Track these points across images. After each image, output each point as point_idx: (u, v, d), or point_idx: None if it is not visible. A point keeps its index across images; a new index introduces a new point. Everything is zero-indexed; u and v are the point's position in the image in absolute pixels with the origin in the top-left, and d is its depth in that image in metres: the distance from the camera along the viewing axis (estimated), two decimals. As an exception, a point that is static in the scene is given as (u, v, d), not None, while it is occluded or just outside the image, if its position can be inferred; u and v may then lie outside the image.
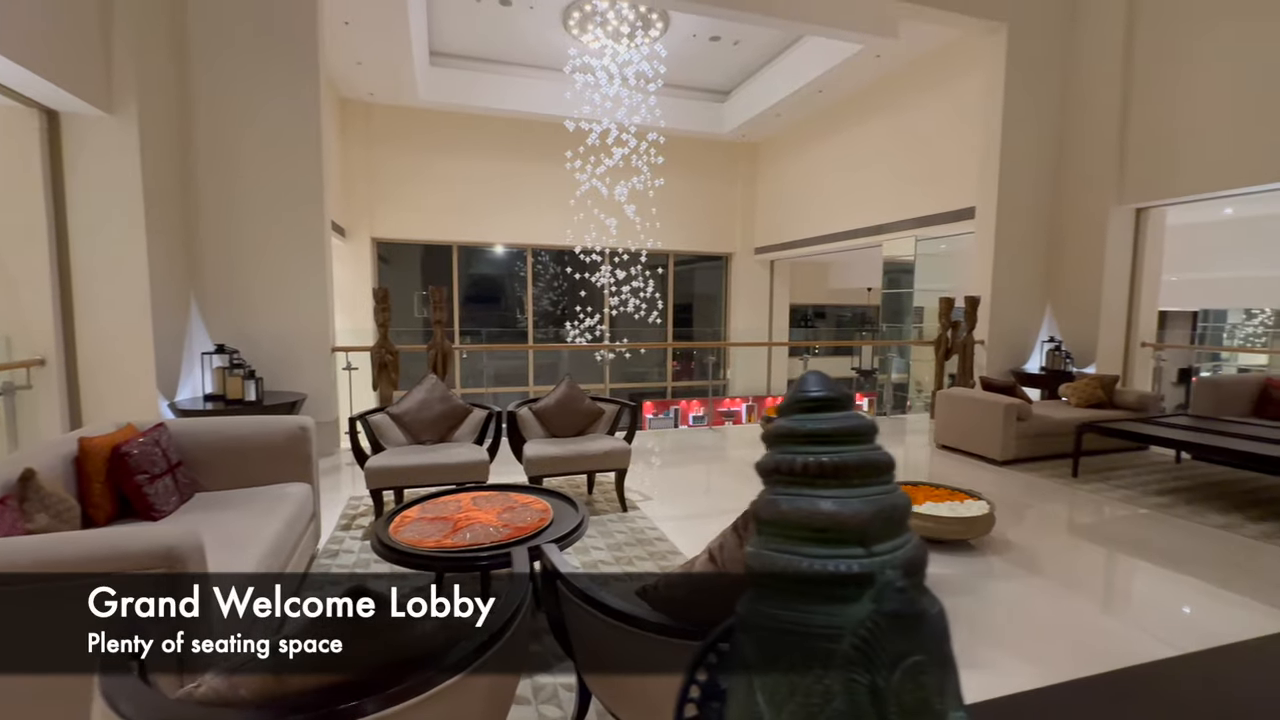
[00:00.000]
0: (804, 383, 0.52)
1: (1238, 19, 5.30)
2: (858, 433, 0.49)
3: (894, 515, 0.47)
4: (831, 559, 0.43)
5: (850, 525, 0.44)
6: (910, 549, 0.48)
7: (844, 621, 0.42)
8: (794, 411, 0.51)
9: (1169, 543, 3.37)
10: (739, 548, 1.40)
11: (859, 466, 0.47)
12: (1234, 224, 9.59)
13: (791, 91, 9.38)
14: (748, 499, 2.57)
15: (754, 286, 13.13)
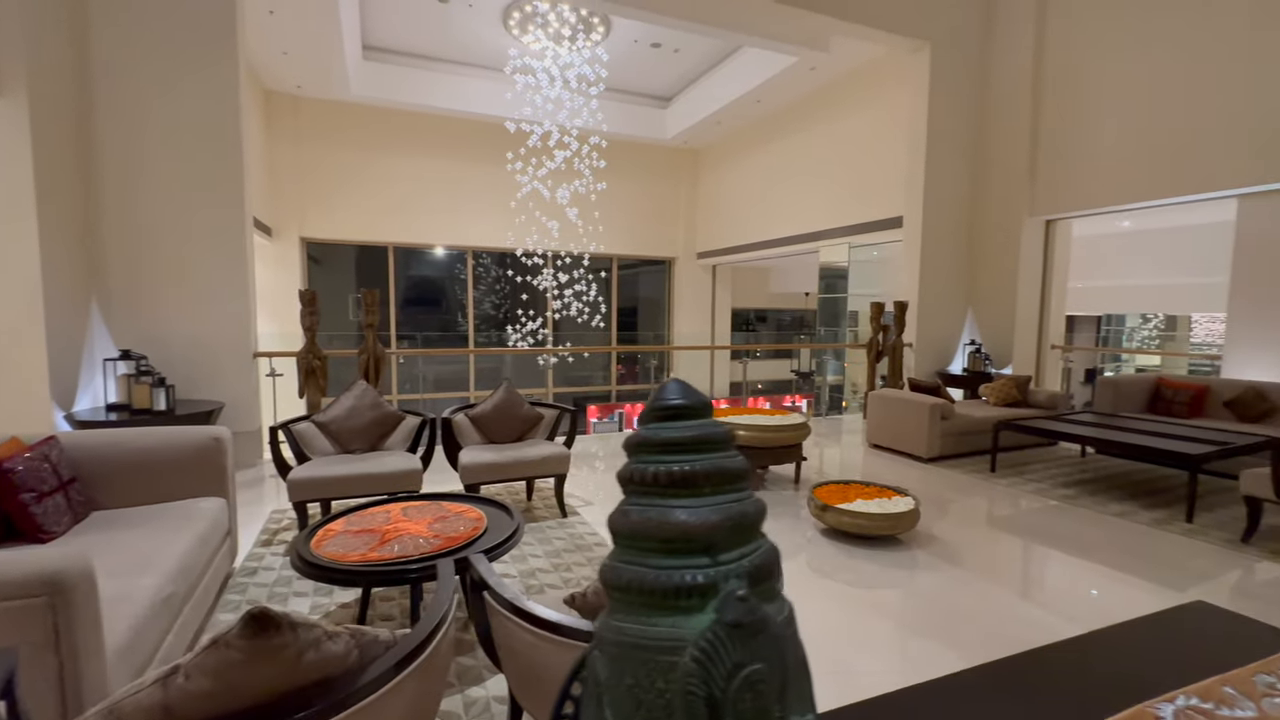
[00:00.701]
0: (663, 391, 0.52)
1: (1131, 50, 5.78)
2: (712, 441, 0.49)
3: (744, 522, 0.47)
4: (678, 570, 0.43)
5: (698, 535, 0.44)
6: (759, 555, 0.48)
7: (686, 633, 0.42)
8: (651, 420, 0.51)
9: (1075, 531, 3.62)
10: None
11: (709, 475, 0.47)
12: (1130, 236, 10.45)
13: (731, 100, 9.58)
14: None
15: (697, 290, 13.31)
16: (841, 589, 2.91)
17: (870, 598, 2.85)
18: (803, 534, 3.52)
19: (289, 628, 0.95)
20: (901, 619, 2.70)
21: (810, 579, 3.01)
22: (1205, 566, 3.13)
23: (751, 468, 4.27)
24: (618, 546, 0.48)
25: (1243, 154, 5.07)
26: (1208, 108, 5.27)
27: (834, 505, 3.36)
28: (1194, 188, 5.41)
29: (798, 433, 4.27)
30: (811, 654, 1.93)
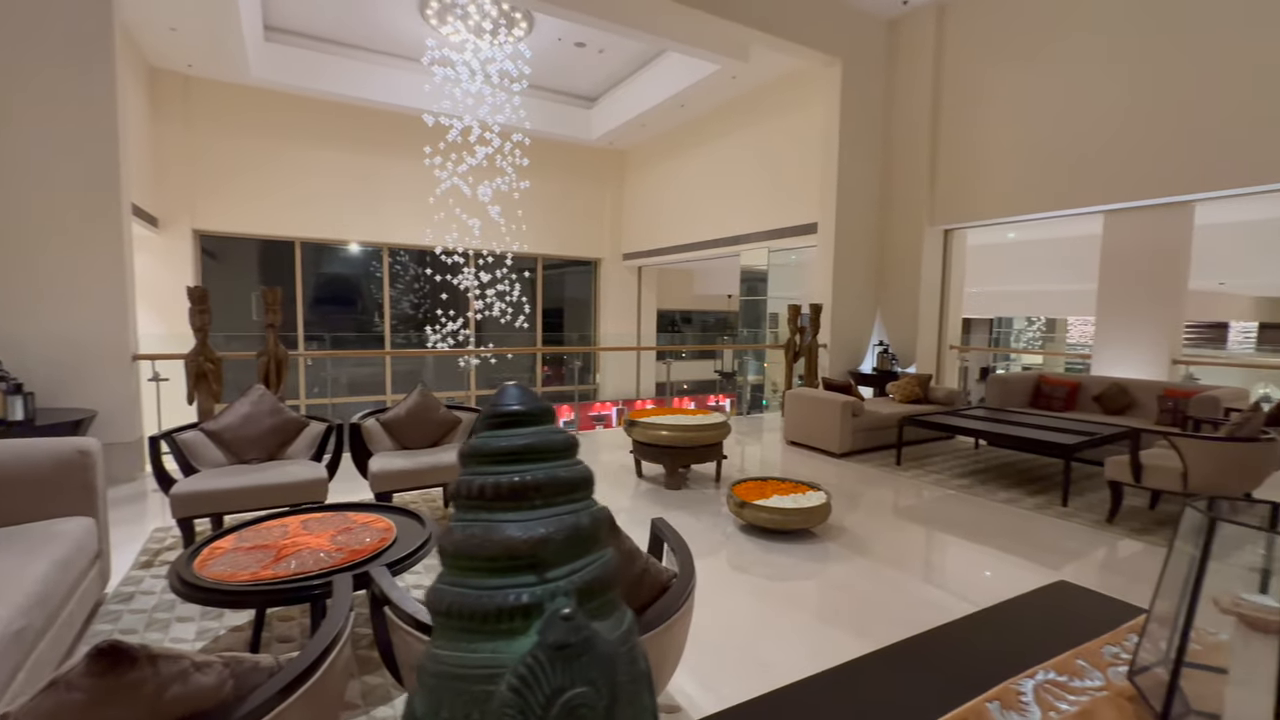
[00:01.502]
0: (501, 396, 0.49)
1: (1017, 79, 6.32)
2: (549, 449, 0.46)
3: (578, 535, 0.44)
4: (501, 590, 0.40)
5: (523, 551, 0.41)
6: (595, 569, 0.45)
7: (507, 658, 0.39)
8: (485, 428, 0.47)
9: (969, 518, 3.90)
10: (578, 556, 1.38)
11: (540, 486, 0.44)
12: (1017, 246, 11.43)
13: (655, 104, 9.68)
14: (618, 504, 2.61)
15: (623, 291, 13.36)
16: (757, 583, 2.99)
17: (784, 590, 2.94)
18: (722, 531, 3.59)
19: (147, 661, 0.85)
20: (814, 609, 2.81)
21: (728, 575, 3.07)
22: (1077, 546, 3.45)
23: (673, 466, 4.32)
24: (444, 567, 0.44)
25: (1109, 175, 5.66)
26: (1082, 133, 5.84)
27: (751, 502, 3.45)
28: (1069, 204, 5.98)
29: (718, 432, 4.36)
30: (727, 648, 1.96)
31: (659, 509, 3.95)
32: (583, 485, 0.46)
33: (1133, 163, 5.49)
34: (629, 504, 4.12)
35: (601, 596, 0.44)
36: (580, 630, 0.40)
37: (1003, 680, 0.78)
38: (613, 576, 0.45)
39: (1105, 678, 0.78)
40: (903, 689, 0.86)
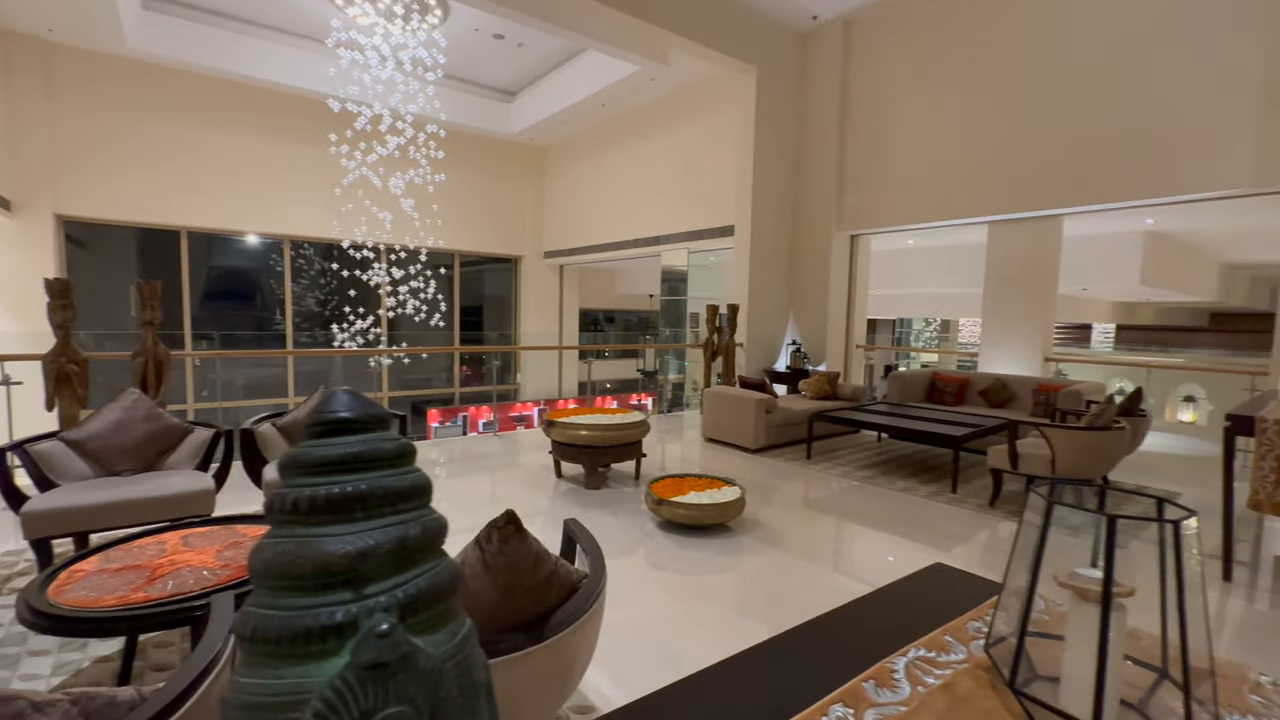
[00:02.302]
0: (327, 402, 0.47)
1: (914, 95, 6.78)
2: (380, 457, 0.42)
3: (405, 547, 0.41)
4: (311, 610, 0.38)
5: (338, 567, 0.37)
6: (423, 581, 0.41)
7: (315, 683, 0.37)
8: (308, 436, 0.43)
9: (872, 507, 4.15)
10: (482, 563, 1.35)
11: (365, 497, 0.40)
12: (915, 252, 12.28)
13: (576, 101, 9.62)
14: (537, 506, 2.55)
15: (544, 290, 13.20)
16: (673, 579, 3.04)
17: (699, 584, 3.01)
18: (641, 528, 3.62)
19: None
20: (728, 601, 2.89)
21: (645, 572, 3.10)
22: (963, 529, 3.75)
23: (593, 465, 4.31)
24: (255, 589, 0.40)
25: (993, 189, 6.19)
26: (970, 151, 6.34)
27: (669, 499, 3.51)
28: (959, 214, 6.49)
29: (638, 430, 4.40)
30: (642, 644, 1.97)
31: (577, 509, 3.93)
32: (414, 495, 0.44)
33: (1012, 179, 6.04)
34: (548, 505, 4.07)
35: (431, 609, 0.42)
36: (397, 647, 0.38)
37: (881, 659, 0.83)
38: (446, 587, 0.43)
39: (968, 651, 0.86)
40: (796, 672, 0.89)
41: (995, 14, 6.11)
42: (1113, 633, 0.66)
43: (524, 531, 1.41)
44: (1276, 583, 3.08)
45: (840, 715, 0.71)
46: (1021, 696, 0.70)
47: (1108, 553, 0.65)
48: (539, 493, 4.32)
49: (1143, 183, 5.31)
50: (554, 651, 1.38)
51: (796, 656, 0.90)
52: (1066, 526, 0.79)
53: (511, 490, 4.56)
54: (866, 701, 0.74)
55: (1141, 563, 0.75)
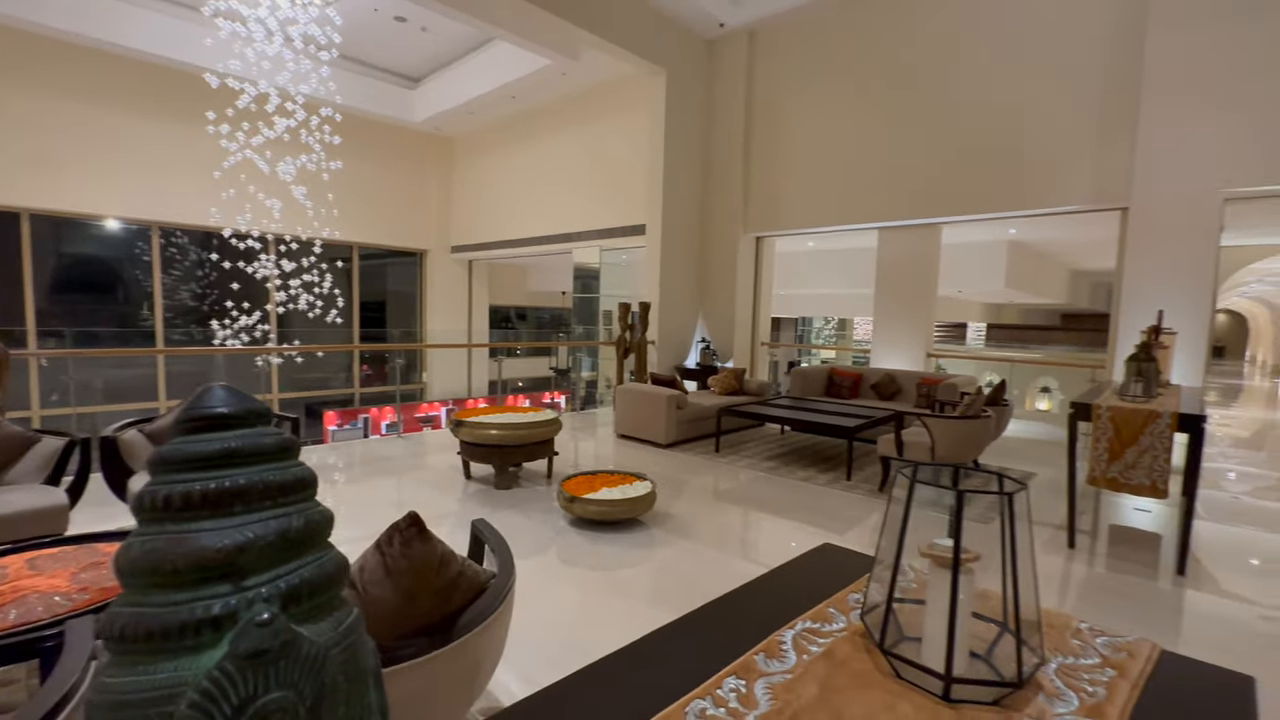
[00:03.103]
0: (200, 398, 0.46)
1: (815, 106, 7.18)
2: (261, 452, 0.42)
3: (287, 538, 0.42)
4: (187, 604, 0.38)
5: (214, 561, 0.38)
6: (307, 571, 0.43)
7: (190, 675, 0.37)
8: (180, 433, 0.42)
9: (776, 496, 4.37)
10: (383, 567, 1.30)
11: (244, 491, 0.40)
12: (814, 254, 13.01)
13: (484, 92, 9.37)
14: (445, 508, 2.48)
15: (452, 286, 12.76)
16: (585, 574, 3.06)
17: (612, 578, 3.05)
18: (554, 526, 3.61)
19: None
20: (639, 593, 2.94)
21: (557, 569, 3.10)
22: (856, 513, 4.04)
23: (503, 465, 4.24)
24: (123, 588, 0.39)
25: (882, 198, 6.68)
26: (863, 162, 6.81)
27: (580, 496, 3.52)
28: (853, 220, 6.96)
29: (549, 428, 4.37)
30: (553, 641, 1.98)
31: (487, 510, 3.85)
32: (298, 488, 0.43)
33: (898, 189, 6.55)
34: (456, 507, 3.96)
35: (316, 598, 0.42)
36: (278, 635, 0.38)
37: (771, 633, 0.89)
38: (333, 576, 0.43)
39: (848, 620, 0.94)
40: (694, 651, 0.94)
41: (883, 38, 6.60)
42: (962, 594, 0.75)
43: (428, 533, 1.38)
44: (1111, 548, 3.56)
45: (733, 687, 0.76)
46: (889, 655, 0.79)
47: (956, 523, 0.74)
48: (447, 495, 4.20)
49: (1005, 197, 5.94)
50: (461, 653, 1.36)
51: (696, 637, 0.95)
52: (931, 504, 0.89)
53: (418, 493, 4.39)
54: (757, 672, 0.80)
55: (993, 532, 0.86)
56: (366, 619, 1.32)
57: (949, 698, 0.74)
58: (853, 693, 0.74)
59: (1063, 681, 0.77)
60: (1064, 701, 0.73)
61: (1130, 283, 5.21)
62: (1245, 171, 4.68)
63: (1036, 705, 0.72)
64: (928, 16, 6.31)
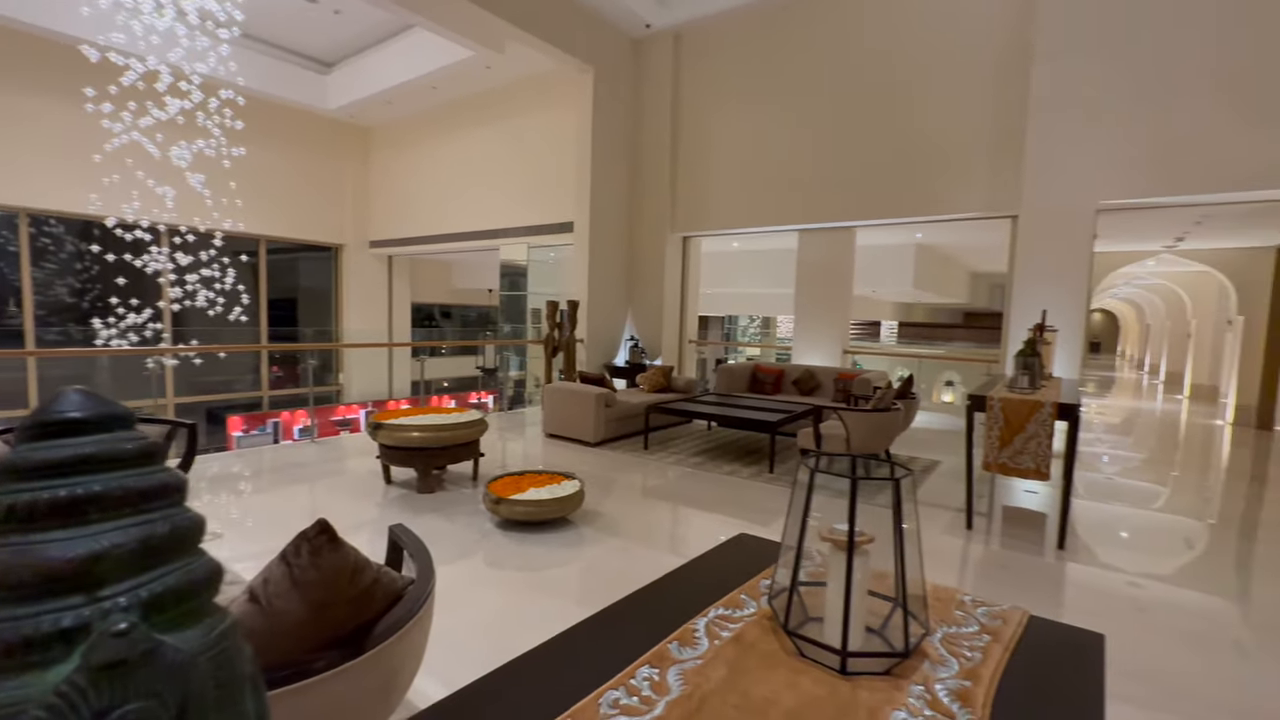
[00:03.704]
0: (52, 402, 0.44)
1: (738, 110, 7.38)
2: (119, 458, 0.40)
3: (149, 545, 0.40)
4: (33, 617, 0.36)
5: (64, 572, 0.36)
6: (174, 577, 0.42)
7: (35, 692, 0.36)
8: (27, 439, 0.40)
9: (703, 491, 4.47)
10: (289, 579, 1.24)
11: (99, 498, 0.38)
12: (740, 254, 13.38)
13: (403, 81, 9.01)
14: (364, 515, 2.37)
15: (371, 282, 12.20)
16: (514, 575, 3.02)
17: (540, 579, 3.02)
18: (479, 529, 3.54)
19: None
20: (568, 593, 2.94)
21: (484, 572, 3.04)
22: (779, 505, 4.20)
23: (426, 468, 4.11)
24: None
25: (802, 202, 6.97)
26: (784, 166, 7.07)
27: (507, 497, 3.47)
28: (775, 222, 7.21)
29: (475, 429, 4.27)
30: (481, 644, 1.94)
31: (409, 515, 3.73)
32: (162, 493, 0.41)
33: (817, 194, 6.85)
34: (376, 513, 3.81)
35: (183, 605, 0.40)
36: (137, 645, 0.36)
37: (685, 622, 0.92)
38: (203, 582, 0.42)
39: (758, 605, 0.99)
40: (612, 643, 0.96)
41: (803, 51, 6.88)
42: (858, 574, 0.81)
43: (339, 541, 1.32)
44: (1005, 527, 3.88)
45: (647, 676, 0.78)
46: (792, 636, 0.83)
47: (850, 507, 0.80)
48: (366, 501, 4.02)
49: (912, 204, 6.34)
50: (377, 662, 1.31)
51: (614, 630, 0.97)
52: (841, 493, 0.94)
53: (334, 500, 4.19)
54: (670, 660, 0.82)
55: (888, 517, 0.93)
56: (272, 634, 1.26)
57: (846, 671, 0.79)
58: (759, 673, 0.78)
59: (946, 649, 0.84)
60: (946, 667, 0.81)
61: (1019, 284, 5.70)
62: (1114, 185, 5.22)
63: (922, 672, 0.79)
64: (843, 37, 6.64)
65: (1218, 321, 10.54)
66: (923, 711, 0.73)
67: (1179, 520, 4.27)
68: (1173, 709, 2.08)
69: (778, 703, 0.73)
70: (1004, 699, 0.76)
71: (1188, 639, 2.57)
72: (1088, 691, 0.79)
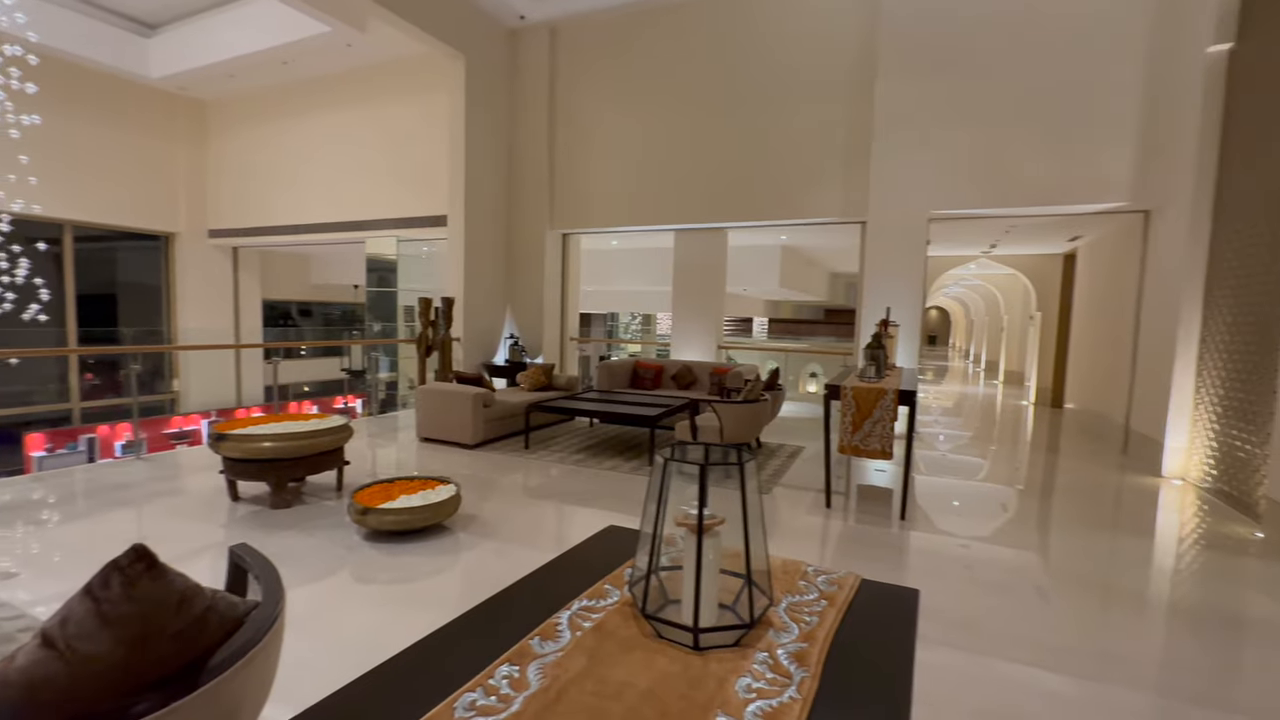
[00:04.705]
0: None
1: (615, 110, 7.46)
2: None
3: None
4: None
5: None
6: None
7: None
8: None
9: (584, 487, 4.48)
10: (96, 616, 1.08)
11: None
12: (620, 252, 13.57)
13: (247, 53, 8.11)
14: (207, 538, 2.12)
15: (212, 277, 10.87)
16: (385, 589, 2.85)
17: (415, 590, 2.88)
18: (345, 543, 3.29)
19: None
20: (447, 601, 2.82)
21: (353, 589, 2.84)
22: (658, 496, 4.32)
23: (280, 481, 3.75)
24: None
25: (678, 203, 7.20)
26: (660, 167, 7.25)
27: (375, 507, 3.26)
28: (652, 221, 7.39)
29: (337, 436, 3.97)
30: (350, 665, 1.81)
31: (261, 534, 3.39)
32: None
33: (691, 195, 7.12)
34: (222, 535, 3.41)
35: None
36: None
37: (549, 616, 0.93)
38: None
39: (622, 593, 1.02)
40: (475, 644, 0.94)
41: (676, 57, 7.11)
42: (710, 554, 0.86)
43: (160, 568, 1.17)
44: (859, 504, 4.28)
45: (506, 674, 0.78)
46: (649, 619, 0.87)
47: (700, 492, 0.85)
48: (208, 522, 3.59)
49: (777, 208, 6.79)
50: (212, 699, 1.18)
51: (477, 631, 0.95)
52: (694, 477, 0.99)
53: (167, 524, 3.69)
54: (531, 655, 0.82)
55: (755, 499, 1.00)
56: (73, 681, 1.09)
57: (698, 647, 0.84)
58: (617, 658, 0.80)
59: (789, 617, 0.92)
60: (789, 632, 0.88)
61: (868, 284, 6.31)
62: (943, 197, 5.94)
63: (767, 640, 0.86)
64: (713, 46, 6.94)
65: (1023, 317, 12.38)
66: (765, 675, 0.79)
67: (996, 488, 4.97)
68: (985, 649, 2.42)
69: (634, 684, 0.76)
70: (835, 654, 0.85)
71: (1001, 588, 3.00)
72: (903, 638, 0.90)
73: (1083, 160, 5.46)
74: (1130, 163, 5.33)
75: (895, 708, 0.78)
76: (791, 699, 0.74)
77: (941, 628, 2.59)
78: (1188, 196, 4.84)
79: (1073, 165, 5.49)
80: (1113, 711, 2.05)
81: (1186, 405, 4.93)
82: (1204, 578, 3.24)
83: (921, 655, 2.34)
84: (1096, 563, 3.40)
